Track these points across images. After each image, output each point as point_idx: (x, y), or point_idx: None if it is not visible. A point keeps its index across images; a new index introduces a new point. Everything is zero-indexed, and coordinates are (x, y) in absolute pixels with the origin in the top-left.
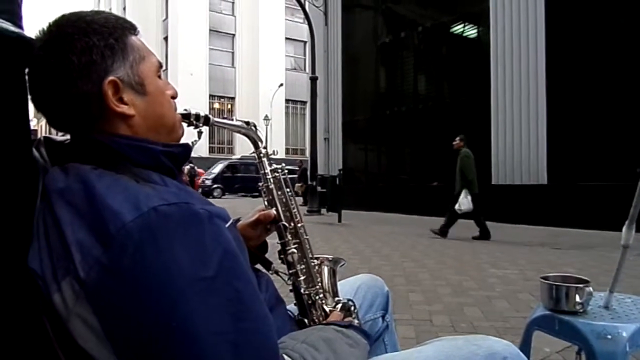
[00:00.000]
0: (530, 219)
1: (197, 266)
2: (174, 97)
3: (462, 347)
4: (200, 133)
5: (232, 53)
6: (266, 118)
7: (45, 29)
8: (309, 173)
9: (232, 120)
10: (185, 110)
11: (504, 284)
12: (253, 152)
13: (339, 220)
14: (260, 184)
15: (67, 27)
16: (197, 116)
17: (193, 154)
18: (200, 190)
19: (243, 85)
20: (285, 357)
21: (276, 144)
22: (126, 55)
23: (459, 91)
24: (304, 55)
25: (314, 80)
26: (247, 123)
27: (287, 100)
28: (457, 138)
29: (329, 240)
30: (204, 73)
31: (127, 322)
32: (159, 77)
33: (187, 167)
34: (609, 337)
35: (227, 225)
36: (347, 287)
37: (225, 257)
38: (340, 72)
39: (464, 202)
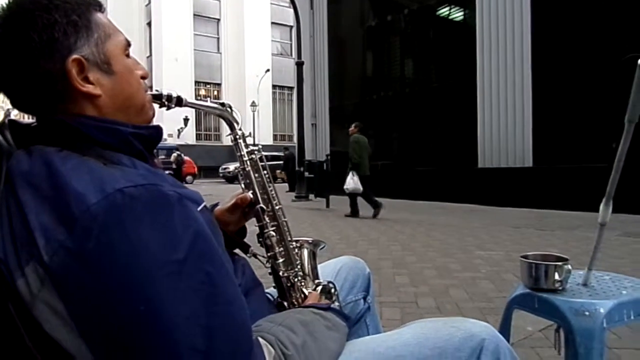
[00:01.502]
0: (515, 201)
1: (166, 249)
2: (144, 77)
3: (441, 329)
4: (186, 120)
5: (218, 38)
6: (253, 104)
7: (4, 5)
8: (296, 159)
9: (207, 101)
10: (157, 90)
11: (488, 265)
12: (229, 134)
13: (327, 206)
14: (236, 166)
15: (27, 3)
16: (169, 97)
17: (179, 142)
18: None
19: (229, 71)
20: (260, 339)
21: (263, 130)
22: (90, 33)
23: (445, 75)
24: (291, 40)
25: (300, 65)
26: (223, 104)
27: (274, 86)
28: (353, 125)
29: (317, 226)
30: (189, 59)
31: (94, 306)
32: (127, 56)
33: (173, 155)
34: (587, 313)
35: (199, 209)
36: (328, 269)
37: (196, 240)
38: (327, 56)
39: (350, 182)
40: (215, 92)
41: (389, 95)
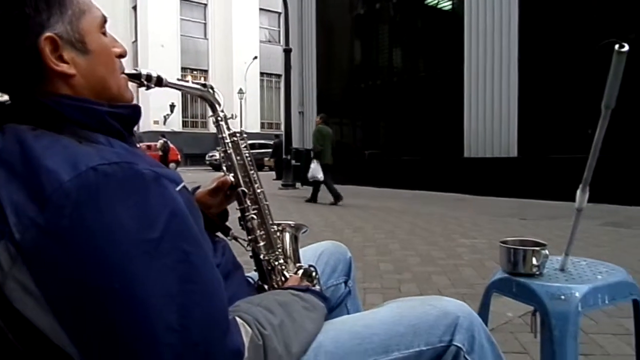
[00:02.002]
0: (500, 191)
1: (141, 227)
2: (122, 55)
3: (417, 307)
4: (172, 107)
5: (205, 24)
6: (240, 92)
7: None
8: (283, 147)
9: (188, 82)
10: (136, 70)
11: (471, 252)
12: (211, 116)
13: None
14: (218, 148)
15: None
16: (149, 77)
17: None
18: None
19: (216, 57)
20: (237, 319)
21: (251, 118)
22: (64, 9)
23: (433, 64)
24: (279, 27)
25: (287, 52)
26: (204, 85)
27: (261, 74)
28: (318, 116)
29: (303, 214)
30: (175, 45)
31: (66, 284)
32: (104, 34)
33: (160, 142)
34: (563, 297)
35: (178, 188)
36: (309, 253)
37: (173, 219)
38: (315, 44)
39: (312, 170)
40: (202, 79)
41: (377, 84)
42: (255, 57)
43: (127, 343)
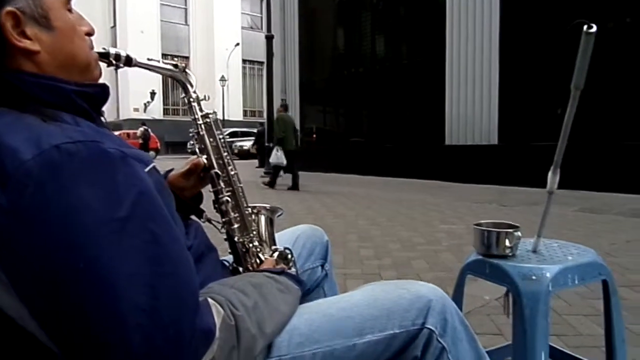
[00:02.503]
0: (481, 178)
1: (107, 206)
2: (89, 33)
3: (390, 291)
4: (153, 94)
5: (185, 9)
6: (222, 79)
7: None
8: (265, 134)
9: (159, 62)
10: (104, 49)
11: (450, 238)
12: (183, 97)
13: None
14: (191, 130)
15: None
16: (118, 56)
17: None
18: None
19: (197, 44)
20: (209, 300)
21: (233, 106)
22: None
23: (415, 52)
24: (261, 13)
25: (269, 38)
26: (176, 66)
27: (244, 61)
28: (280, 104)
29: (285, 201)
30: (155, 30)
31: (30, 266)
32: (70, 10)
33: (140, 129)
34: (534, 277)
35: (147, 169)
36: (286, 237)
37: (141, 199)
38: (297, 31)
39: (274, 156)
40: (183, 66)
41: (360, 71)
42: (238, 44)
43: (95, 325)
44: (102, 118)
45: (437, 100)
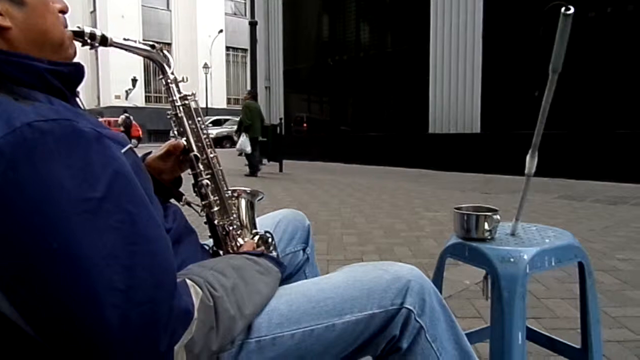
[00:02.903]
0: (464, 166)
1: (82, 186)
2: (63, 11)
3: (370, 272)
4: (134, 81)
5: None
6: (205, 66)
7: None
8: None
9: (135, 42)
10: (78, 27)
11: (433, 225)
12: (160, 78)
13: (280, 170)
14: (169, 112)
15: None
16: (92, 35)
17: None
18: None
19: (180, 30)
20: (187, 281)
21: (217, 93)
22: None
23: (400, 40)
24: None
25: (253, 25)
26: (153, 46)
27: (227, 48)
28: (246, 92)
29: (269, 189)
30: (136, 15)
31: (3, 246)
32: None
33: (122, 117)
34: (512, 260)
35: (123, 150)
36: (267, 221)
37: (116, 179)
38: (281, 17)
39: (240, 143)
40: (160, 46)
41: (344, 59)
42: (221, 31)
43: (71, 306)
44: (78, 99)
45: (421, 89)
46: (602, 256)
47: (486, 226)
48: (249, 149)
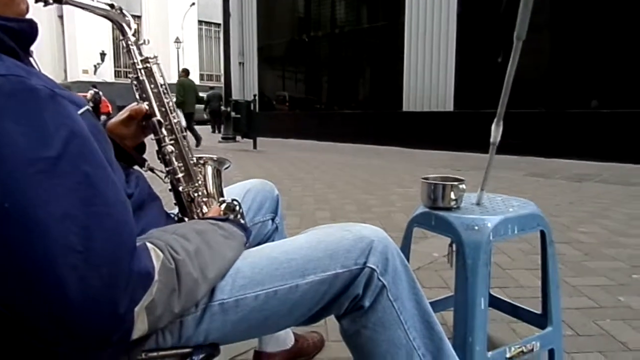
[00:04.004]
0: (436, 144)
1: (35, 145)
2: None
3: (333, 233)
4: (103, 55)
5: None
6: (177, 41)
7: None
8: (223, 98)
9: (93, 0)
10: None
11: (404, 200)
12: (121, 40)
13: (254, 147)
14: (130, 76)
15: None
16: None
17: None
18: None
19: (150, 2)
20: (148, 244)
21: (189, 69)
22: None
23: (375, 16)
24: None
25: None
26: (112, 6)
27: (200, 22)
28: (181, 70)
29: (243, 166)
30: None
31: None
32: None
33: (90, 92)
34: (476, 228)
35: (80, 112)
36: (236, 190)
37: (72, 139)
38: None
39: None
40: (135, 26)
41: (319, 35)
42: (193, 4)
43: (26, 266)
44: (32, 59)
45: (395, 66)
46: (566, 229)
47: (452, 195)
48: (183, 123)
